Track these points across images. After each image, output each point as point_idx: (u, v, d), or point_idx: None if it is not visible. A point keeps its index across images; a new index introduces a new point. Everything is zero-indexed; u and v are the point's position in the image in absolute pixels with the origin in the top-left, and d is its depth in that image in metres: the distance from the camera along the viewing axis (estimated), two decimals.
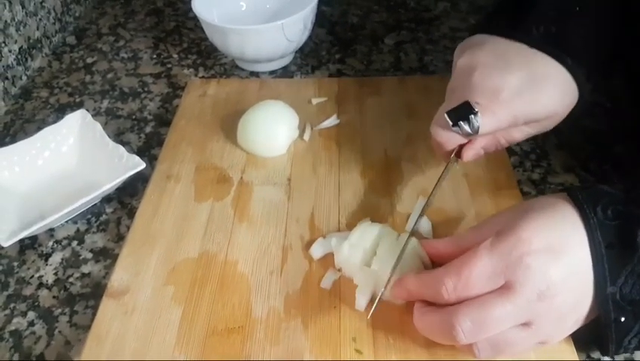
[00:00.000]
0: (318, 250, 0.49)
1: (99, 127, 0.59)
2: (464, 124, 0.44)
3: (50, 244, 0.54)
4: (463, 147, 0.48)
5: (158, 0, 0.92)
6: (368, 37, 0.80)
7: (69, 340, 0.46)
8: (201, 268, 0.49)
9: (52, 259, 0.53)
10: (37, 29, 0.78)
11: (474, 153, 0.48)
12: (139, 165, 0.55)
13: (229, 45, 0.68)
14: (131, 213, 0.56)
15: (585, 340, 0.41)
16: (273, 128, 0.59)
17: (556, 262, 0.36)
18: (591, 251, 0.36)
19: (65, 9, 0.85)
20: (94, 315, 0.46)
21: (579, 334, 0.40)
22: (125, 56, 0.79)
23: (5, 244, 0.49)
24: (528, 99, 0.44)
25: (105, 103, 0.71)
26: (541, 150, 0.59)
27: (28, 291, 0.50)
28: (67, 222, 0.56)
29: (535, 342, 0.38)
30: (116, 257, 0.50)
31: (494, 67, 0.45)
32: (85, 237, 0.54)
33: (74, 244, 0.54)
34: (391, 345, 0.42)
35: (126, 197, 0.58)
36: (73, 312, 0.48)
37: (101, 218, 0.56)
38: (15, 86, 0.73)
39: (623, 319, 0.36)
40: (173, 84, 0.73)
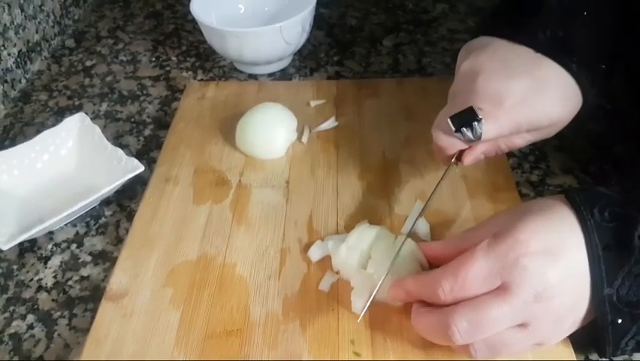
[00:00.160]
0: (316, 252, 0.49)
1: (98, 130, 0.59)
2: (467, 130, 0.44)
3: (49, 247, 0.54)
4: (463, 151, 0.48)
5: (156, 3, 0.92)
6: (366, 39, 0.80)
7: (68, 343, 0.47)
8: (200, 271, 0.49)
9: (52, 262, 0.53)
10: (37, 32, 0.78)
11: (474, 158, 0.48)
12: (138, 167, 0.55)
13: (227, 48, 0.69)
14: (130, 216, 0.56)
15: (583, 341, 0.41)
16: (271, 130, 0.59)
17: (554, 264, 0.36)
18: (588, 253, 0.36)
19: (64, 12, 0.85)
20: (93, 318, 0.46)
21: (577, 335, 0.40)
22: (124, 58, 0.79)
23: (5, 247, 0.49)
24: (531, 107, 0.44)
25: (104, 106, 0.71)
26: (540, 152, 0.60)
27: (27, 294, 0.50)
28: (66, 225, 0.56)
29: (532, 344, 0.38)
30: (115, 260, 0.50)
31: (498, 72, 0.45)
32: (84, 240, 0.55)
33: (73, 247, 0.54)
34: (390, 347, 0.43)
35: (125, 200, 0.58)
36: (72, 315, 0.48)
37: (100, 221, 0.56)
38: (14, 90, 0.73)
39: (620, 321, 0.36)
40: (171, 87, 0.73)
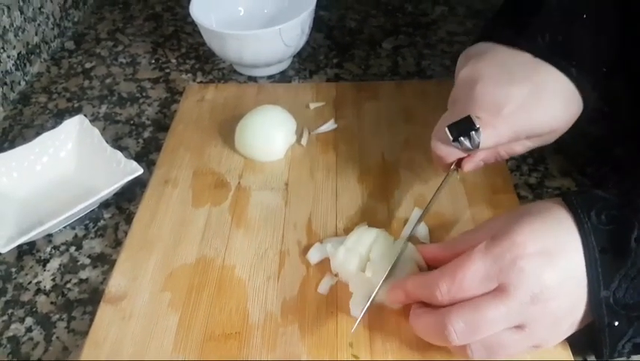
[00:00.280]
0: (315, 255, 0.49)
1: (97, 132, 0.59)
2: (465, 139, 0.44)
3: (48, 249, 0.54)
4: (462, 158, 0.48)
5: (156, 5, 0.92)
6: (366, 41, 0.80)
7: (67, 346, 0.47)
8: (198, 274, 0.49)
9: (50, 265, 0.53)
10: (36, 35, 0.78)
11: (474, 165, 0.48)
12: (136, 170, 0.55)
13: (227, 50, 0.69)
14: (129, 219, 0.56)
15: (581, 344, 0.41)
16: (270, 132, 0.59)
17: (551, 266, 0.36)
18: (585, 256, 0.36)
19: (64, 14, 0.85)
20: (91, 321, 0.46)
21: (575, 338, 0.40)
22: (124, 61, 0.80)
23: (3, 249, 0.49)
24: (530, 115, 0.44)
25: (103, 108, 0.71)
26: (538, 154, 0.59)
27: (26, 297, 0.50)
28: (65, 227, 0.56)
29: (529, 345, 0.38)
30: (114, 263, 0.50)
31: (497, 80, 0.44)
32: (83, 242, 0.55)
33: (72, 249, 0.54)
34: (388, 350, 0.42)
35: (124, 202, 0.58)
36: (70, 318, 0.48)
37: (99, 224, 0.56)
38: (13, 92, 0.73)
39: (616, 323, 0.36)
40: (171, 89, 0.73)
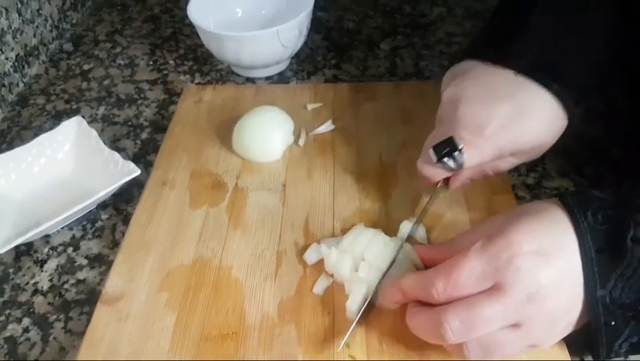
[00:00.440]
0: (312, 255, 0.49)
1: (95, 134, 0.59)
2: (448, 160, 0.45)
3: (46, 250, 0.54)
4: (450, 177, 0.49)
5: (154, 7, 0.93)
6: (364, 42, 0.80)
7: (64, 346, 0.47)
8: (195, 274, 0.49)
9: (48, 266, 0.53)
10: (34, 37, 0.78)
11: (460, 184, 0.50)
12: (134, 171, 0.55)
13: (225, 51, 0.69)
14: (127, 220, 0.56)
15: (578, 344, 0.41)
16: (268, 133, 0.59)
17: (547, 265, 0.36)
18: (581, 255, 0.36)
19: (62, 16, 0.85)
20: (88, 321, 0.46)
21: (572, 337, 0.40)
22: (122, 62, 0.80)
23: (1, 250, 0.49)
24: (513, 133, 0.45)
25: (101, 110, 0.71)
26: None
27: (23, 297, 0.50)
28: (62, 228, 0.56)
29: (526, 345, 0.38)
30: (111, 263, 0.50)
31: (479, 100, 0.45)
32: (80, 243, 0.55)
33: (70, 250, 0.54)
34: (385, 351, 0.42)
35: (122, 203, 0.58)
36: (68, 318, 0.48)
37: (97, 224, 0.56)
38: (12, 94, 0.74)
39: (613, 323, 0.36)
40: (169, 90, 0.73)
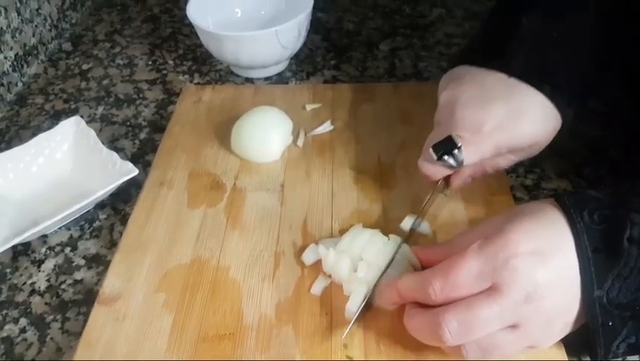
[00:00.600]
0: (310, 256, 0.49)
1: (93, 134, 0.59)
2: (448, 158, 0.46)
3: (43, 250, 0.54)
4: (451, 175, 0.50)
5: (154, 7, 0.93)
6: (363, 43, 0.80)
7: (61, 346, 0.46)
8: (193, 275, 0.49)
9: (45, 266, 0.53)
10: (33, 36, 0.78)
11: (461, 182, 0.50)
12: (132, 171, 0.55)
13: (224, 52, 0.69)
14: (124, 220, 0.56)
15: (576, 344, 0.41)
16: (267, 134, 0.59)
17: (544, 266, 0.36)
18: (578, 255, 0.37)
19: (61, 16, 0.85)
20: (86, 322, 0.46)
21: (570, 339, 0.40)
22: (121, 62, 0.80)
23: None
24: (509, 131, 0.46)
25: (100, 109, 0.71)
26: (535, 156, 0.59)
27: (20, 298, 0.50)
28: (60, 228, 0.56)
29: (524, 346, 0.38)
30: (109, 263, 0.50)
31: (475, 101, 0.47)
32: (78, 243, 0.54)
33: (67, 250, 0.54)
34: (382, 352, 0.42)
35: (120, 203, 0.58)
36: (65, 319, 0.48)
37: (95, 224, 0.56)
38: (10, 93, 0.73)
39: (610, 323, 0.36)
40: (168, 90, 0.73)
